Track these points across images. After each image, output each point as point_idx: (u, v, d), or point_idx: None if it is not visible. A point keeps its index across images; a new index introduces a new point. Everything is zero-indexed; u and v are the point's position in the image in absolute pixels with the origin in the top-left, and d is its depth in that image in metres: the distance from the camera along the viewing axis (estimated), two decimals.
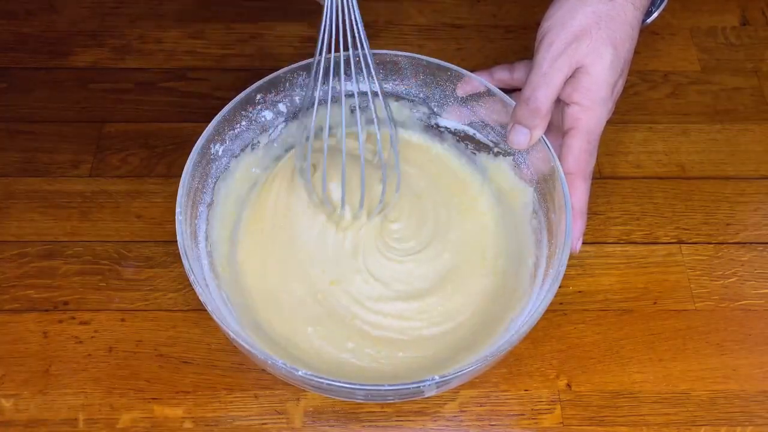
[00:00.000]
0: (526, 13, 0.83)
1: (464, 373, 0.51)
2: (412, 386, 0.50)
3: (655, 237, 0.68)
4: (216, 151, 0.60)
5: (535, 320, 0.52)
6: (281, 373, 0.51)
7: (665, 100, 0.77)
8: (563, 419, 0.59)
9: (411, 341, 0.59)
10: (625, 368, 0.61)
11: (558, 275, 0.53)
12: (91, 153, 0.71)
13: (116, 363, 0.60)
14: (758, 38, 0.82)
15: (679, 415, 0.59)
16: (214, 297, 0.55)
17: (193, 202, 0.57)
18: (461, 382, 0.56)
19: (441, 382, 0.50)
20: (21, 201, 0.68)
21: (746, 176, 0.72)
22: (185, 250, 0.53)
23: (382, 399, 0.56)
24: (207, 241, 0.59)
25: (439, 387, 0.52)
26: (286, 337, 0.58)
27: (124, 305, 0.63)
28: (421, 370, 0.56)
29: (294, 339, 0.58)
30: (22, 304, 0.63)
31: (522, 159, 0.62)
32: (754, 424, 0.59)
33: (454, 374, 0.50)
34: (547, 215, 0.59)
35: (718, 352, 0.62)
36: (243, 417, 0.58)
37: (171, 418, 0.58)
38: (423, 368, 0.57)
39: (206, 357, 0.61)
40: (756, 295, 0.65)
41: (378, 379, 0.56)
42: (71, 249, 0.65)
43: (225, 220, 0.62)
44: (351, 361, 0.57)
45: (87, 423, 0.57)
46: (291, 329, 0.59)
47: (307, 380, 0.50)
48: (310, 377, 0.49)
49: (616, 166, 0.72)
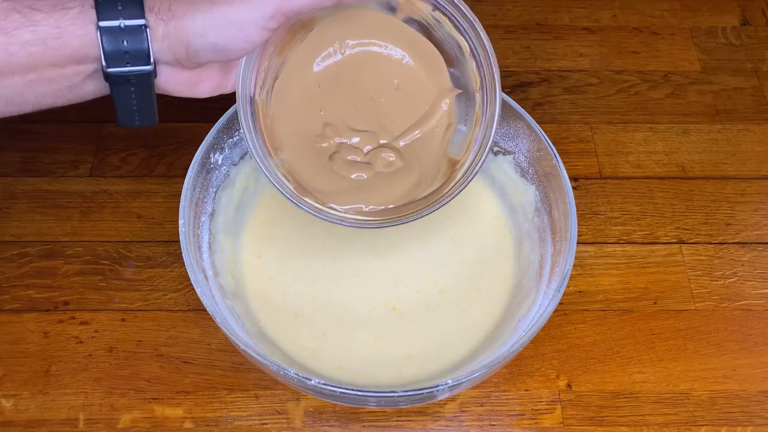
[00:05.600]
0: (526, 13, 0.83)
1: (478, 375, 0.51)
2: (425, 391, 0.50)
3: (656, 237, 0.68)
4: (216, 160, 0.60)
5: (545, 319, 0.52)
6: (293, 383, 0.51)
7: (665, 100, 0.77)
8: (563, 419, 0.59)
9: (420, 344, 0.59)
10: (626, 368, 0.61)
11: (566, 275, 0.53)
12: (91, 153, 0.71)
13: (116, 363, 0.60)
14: (758, 38, 0.82)
15: (679, 415, 0.59)
16: (222, 309, 0.54)
17: (195, 213, 0.57)
18: (472, 385, 0.56)
19: (454, 385, 0.50)
20: (21, 201, 0.68)
21: (746, 176, 0.72)
22: (192, 267, 0.53)
23: (395, 405, 0.56)
24: (210, 250, 0.59)
25: (451, 390, 0.52)
26: (289, 342, 0.58)
27: (125, 305, 0.63)
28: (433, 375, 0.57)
29: (297, 344, 0.58)
30: (23, 304, 0.63)
31: (523, 157, 0.62)
32: (754, 424, 0.59)
33: (467, 377, 0.50)
34: (550, 213, 0.59)
35: (719, 352, 0.62)
36: (243, 417, 0.58)
37: (171, 418, 0.58)
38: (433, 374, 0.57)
39: (206, 357, 0.61)
40: (756, 295, 0.65)
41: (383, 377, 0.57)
42: (71, 249, 0.65)
43: (227, 228, 0.62)
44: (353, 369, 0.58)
45: (87, 423, 0.57)
46: (295, 335, 0.59)
47: (320, 389, 0.50)
48: (323, 386, 0.49)
49: (617, 166, 0.72)
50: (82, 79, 0.47)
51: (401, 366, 0.58)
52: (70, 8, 0.45)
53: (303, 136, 0.57)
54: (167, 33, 0.46)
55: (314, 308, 0.60)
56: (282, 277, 0.61)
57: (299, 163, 0.57)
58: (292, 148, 0.56)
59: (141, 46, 0.46)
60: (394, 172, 0.57)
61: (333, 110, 0.57)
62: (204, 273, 0.56)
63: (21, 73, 0.45)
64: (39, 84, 0.46)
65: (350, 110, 0.57)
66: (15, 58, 0.44)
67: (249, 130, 0.53)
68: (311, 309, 0.60)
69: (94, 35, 0.45)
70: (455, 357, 0.58)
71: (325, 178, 0.57)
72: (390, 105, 0.57)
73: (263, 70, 0.54)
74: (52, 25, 0.44)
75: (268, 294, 0.61)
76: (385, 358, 0.58)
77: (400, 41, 0.56)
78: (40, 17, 0.44)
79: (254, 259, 0.62)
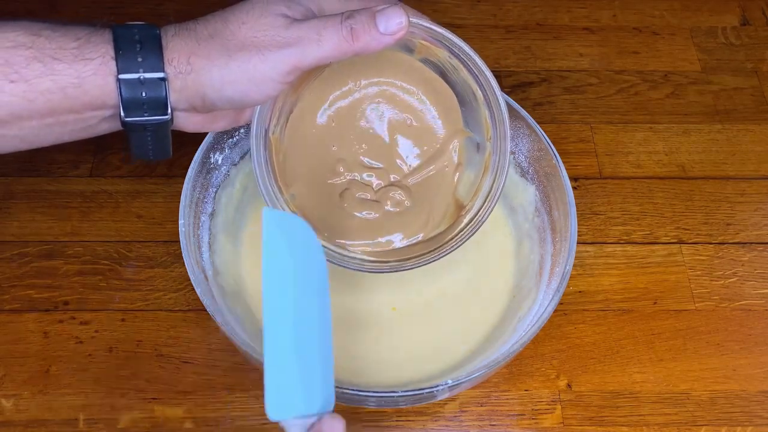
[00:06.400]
0: (526, 13, 0.83)
1: (478, 375, 0.51)
2: (425, 391, 0.50)
3: (656, 237, 0.68)
4: (216, 160, 0.60)
5: (545, 319, 0.52)
6: None
7: (665, 100, 0.77)
8: (563, 419, 0.59)
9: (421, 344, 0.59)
10: (626, 368, 0.61)
11: (565, 275, 0.53)
12: (91, 153, 0.71)
13: (117, 363, 0.60)
14: (758, 38, 0.82)
15: (679, 415, 0.59)
16: (222, 309, 0.54)
17: (195, 212, 0.57)
18: (472, 385, 0.56)
19: (453, 385, 0.50)
20: (21, 201, 0.68)
21: (746, 176, 0.72)
22: (192, 267, 0.53)
23: (394, 405, 0.56)
24: (210, 250, 0.59)
25: (451, 390, 0.52)
26: None
27: (125, 305, 0.63)
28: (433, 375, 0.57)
29: None
30: (23, 304, 0.62)
31: (523, 157, 0.62)
32: (754, 424, 0.59)
33: (467, 377, 0.50)
34: (550, 213, 0.59)
35: (719, 352, 0.62)
36: (243, 417, 0.58)
37: (171, 418, 0.58)
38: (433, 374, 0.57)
39: (206, 357, 0.61)
40: (756, 295, 0.65)
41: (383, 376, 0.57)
42: (71, 249, 0.65)
43: (227, 228, 0.62)
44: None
45: (87, 423, 0.57)
46: None
47: None
48: None
49: (617, 166, 0.72)
50: (98, 122, 0.47)
51: (401, 366, 0.58)
52: (91, 59, 0.45)
53: (315, 172, 0.57)
54: (185, 85, 0.46)
55: None
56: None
57: (309, 199, 0.57)
58: (304, 184, 0.57)
59: (159, 96, 0.46)
60: (402, 211, 0.58)
61: (346, 146, 0.57)
62: (204, 273, 0.56)
63: (38, 117, 0.45)
64: (56, 126, 0.46)
65: (362, 146, 0.57)
66: (34, 105, 0.44)
67: (260, 166, 0.53)
68: None
69: (114, 86, 0.45)
70: (455, 357, 0.58)
71: (334, 215, 0.57)
72: (402, 142, 0.57)
73: (278, 109, 0.54)
74: (72, 75, 0.44)
75: None
76: (385, 358, 0.58)
77: (416, 79, 0.56)
78: (62, 67, 0.44)
79: (254, 260, 0.62)
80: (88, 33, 0.45)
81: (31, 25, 0.45)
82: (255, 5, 0.47)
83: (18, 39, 0.44)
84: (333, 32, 0.46)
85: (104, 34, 0.46)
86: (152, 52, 0.46)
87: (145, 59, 0.45)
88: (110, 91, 0.45)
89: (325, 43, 0.46)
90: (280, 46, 0.46)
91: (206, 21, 0.47)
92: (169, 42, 0.46)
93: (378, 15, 0.46)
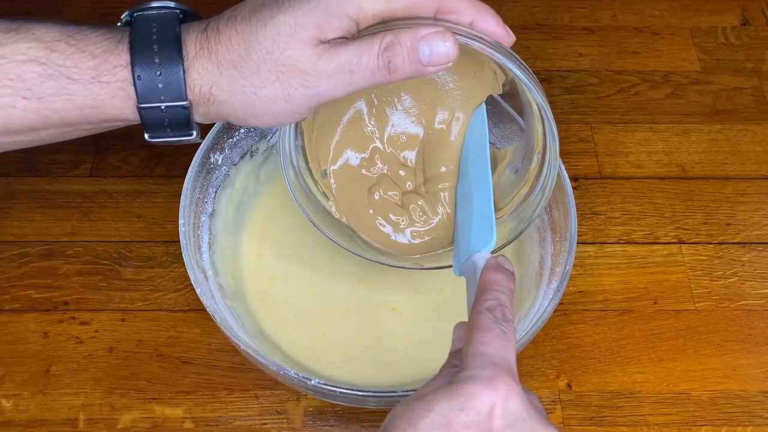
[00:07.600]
0: (526, 13, 0.83)
1: None
2: None
3: (656, 237, 0.68)
4: (215, 160, 0.60)
5: (545, 319, 0.52)
6: (293, 383, 0.51)
7: (665, 100, 0.77)
8: (563, 419, 0.59)
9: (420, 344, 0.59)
10: (626, 368, 0.61)
11: (565, 275, 0.53)
12: (91, 153, 0.71)
13: (116, 363, 0.60)
14: (758, 38, 0.82)
15: (679, 415, 0.59)
16: (222, 309, 0.54)
17: (195, 212, 0.57)
18: None
19: None
20: (21, 201, 0.68)
21: (746, 176, 0.72)
22: (192, 267, 0.53)
23: (395, 405, 0.56)
24: (210, 250, 0.59)
25: None
26: (289, 342, 0.58)
27: (125, 305, 0.63)
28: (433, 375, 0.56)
29: (297, 344, 0.58)
30: (23, 304, 0.62)
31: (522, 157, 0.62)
32: (754, 424, 0.59)
33: None
34: (550, 213, 0.59)
35: (719, 352, 0.62)
36: (243, 417, 0.58)
37: (171, 419, 0.58)
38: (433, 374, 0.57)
39: (206, 357, 0.61)
40: (756, 295, 0.65)
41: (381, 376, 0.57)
42: (71, 249, 0.65)
43: (227, 228, 0.62)
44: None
45: (87, 423, 0.57)
46: (295, 335, 0.59)
47: (320, 389, 0.50)
48: (323, 386, 0.49)
49: (617, 166, 0.72)
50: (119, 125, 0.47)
51: (401, 366, 0.58)
52: (108, 83, 0.43)
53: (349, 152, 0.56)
54: (207, 111, 0.45)
55: (314, 308, 0.60)
56: (282, 277, 0.61)
57: (342, 179, 0.56)
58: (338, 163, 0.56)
59: (182, 119, 0.45)
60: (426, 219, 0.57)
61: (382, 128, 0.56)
62: (204, 273, 0.56)
63: (55, 127, 0.45)
64: (74, 133, 0.46)
65: (401, 138, 0.56)
66: (49, 120, 0.43)
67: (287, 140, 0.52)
68: (311, 309, 0.60)
69: (133, 109, 0.44)
70: None
71: (361, 208, 0.57)
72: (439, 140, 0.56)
73: None
74: (89, 96, 0.43)
75: (268, 294, 0.61)
76: (385, 358, 0.58)
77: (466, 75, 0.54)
78: (77, 88, 0.43)
79: (254, 259, 0.62)
80: (104, 51, 0.43)
81: (43, 35, 0.43)
82: (282, 30, 0.42)
83: (30, 53, 0.42)
84: (367, 66, 0.42)
85: (121, 54, 0.43)
86: (174, 78, 0.43)
87: (166, 86, 0.43)
88: (130, 113, 0.44)
89: (358, 78, 0.43)
90: (307, 86, 0.43)
91: (229, 41, 0.43)
92: (190, 65, 0.44)
93: (422, 44, 0.42)
